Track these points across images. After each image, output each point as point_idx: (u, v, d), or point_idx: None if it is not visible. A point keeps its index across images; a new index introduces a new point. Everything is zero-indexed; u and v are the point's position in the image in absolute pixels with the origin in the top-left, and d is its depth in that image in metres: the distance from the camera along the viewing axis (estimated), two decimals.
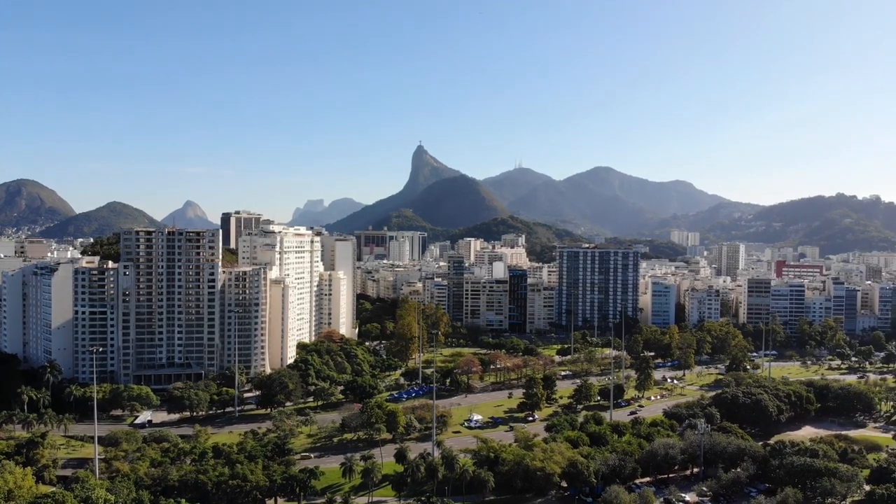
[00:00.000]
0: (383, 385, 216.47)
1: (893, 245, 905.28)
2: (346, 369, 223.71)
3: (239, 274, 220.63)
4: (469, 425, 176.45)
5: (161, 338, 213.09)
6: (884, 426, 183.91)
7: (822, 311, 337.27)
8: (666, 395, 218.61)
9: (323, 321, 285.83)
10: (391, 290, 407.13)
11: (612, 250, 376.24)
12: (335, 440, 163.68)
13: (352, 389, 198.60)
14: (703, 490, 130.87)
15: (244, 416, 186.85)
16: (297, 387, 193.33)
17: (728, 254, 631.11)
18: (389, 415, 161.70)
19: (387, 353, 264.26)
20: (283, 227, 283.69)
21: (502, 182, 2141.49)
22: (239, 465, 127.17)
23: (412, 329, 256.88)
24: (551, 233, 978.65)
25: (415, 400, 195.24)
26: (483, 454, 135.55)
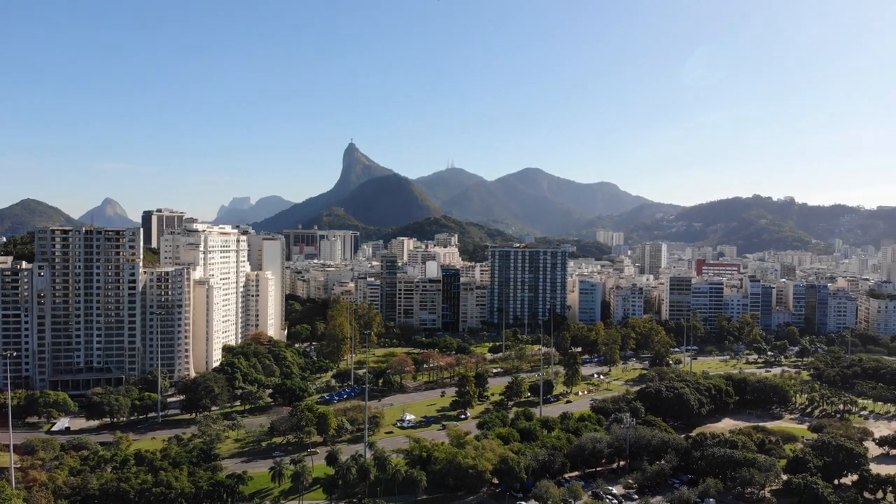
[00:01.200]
0: (314, 387, 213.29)
1: (806, 244, 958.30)
2: (275, 372, 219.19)
3: (161, 274, 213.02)
4: (402, 425, 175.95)
5: (79, 341, 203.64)
6: (799, 417, 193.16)
7: (739, 308, 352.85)
8: (593, 389, 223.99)
9: (250, 323, 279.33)
10: (322, 291, 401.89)
11: (542, 250, 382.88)
12: (264, 444, 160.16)
13: (281, 392, 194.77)
14: (629, 483, 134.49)
15: (168, 421, 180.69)
16: (223, 390, 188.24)
17: (651, 253, 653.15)
18: (320, 417, 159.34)
19: (317, 354, 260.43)
20: (208, 225, 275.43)
21: (435, 182, 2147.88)
22: (163, 472, 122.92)
23: (344, 330, 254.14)
24: (483, 232, 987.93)
25: (347, 401, 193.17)
26: (415, 454, 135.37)
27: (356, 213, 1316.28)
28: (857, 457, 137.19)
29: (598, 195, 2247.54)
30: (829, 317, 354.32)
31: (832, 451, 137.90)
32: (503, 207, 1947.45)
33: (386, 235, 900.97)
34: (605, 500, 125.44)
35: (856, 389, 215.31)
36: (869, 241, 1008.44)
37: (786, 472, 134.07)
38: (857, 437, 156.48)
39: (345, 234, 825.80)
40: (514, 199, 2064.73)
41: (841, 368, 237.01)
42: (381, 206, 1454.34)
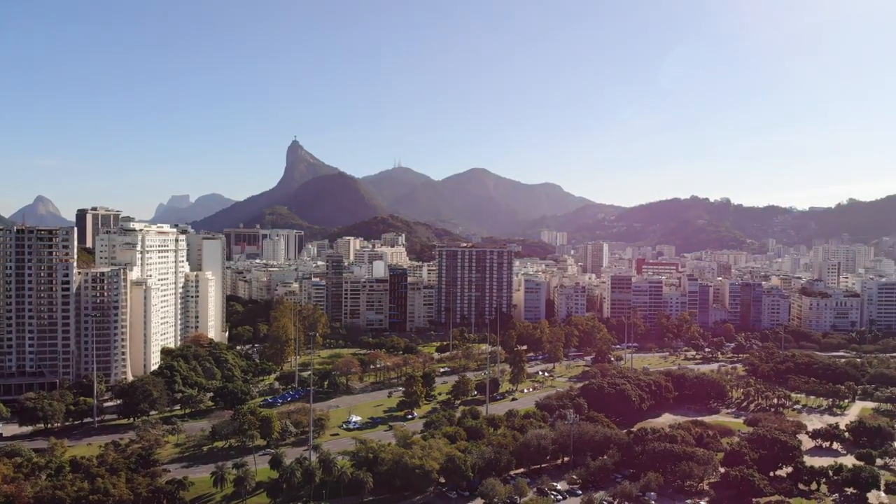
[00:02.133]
0: (257, 390, 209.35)
1: (741, 244, 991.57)
2: (216, 375, 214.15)
3: (96, 275, 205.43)
4: (348, 427, 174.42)
5: (10, 345, 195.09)
6: (735, 412, 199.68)
7: (678, 306, 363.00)
8: (538, 387, 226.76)
9: (190, 325, 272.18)
10: (265, 291, 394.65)
11: (489, 249, 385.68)
12: (205, 449, 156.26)
13: (222, 396, 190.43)
14: (573, 478, 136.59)
15: (105, 426, 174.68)
16: (162, 394, 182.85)
17: (593, 253, 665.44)
18: (263, 420, 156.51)
19: (260, 356, 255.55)
20: (145, 224, 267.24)
21: (382, 181, 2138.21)
22: (100, 479, 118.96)
23: (288, 331, 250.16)
24: (431, 232, 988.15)
25: (291, 404, 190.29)
26: (362, 455, 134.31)
27: (300, 212, 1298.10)
28: (792, 449, 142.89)
29: (542, 196, 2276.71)
30: (764, 314, 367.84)
31: (767, 444, 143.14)
32: (450, 207, 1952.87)
33: (331, 235, 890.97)
34: (549, 496, 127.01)
35: (789, 384, 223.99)
36: (801, 240, 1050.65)
37: (723, 465, 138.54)
38: (791, 430, 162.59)
39: (288, 234, 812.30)
40: (461, 199, 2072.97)
41: (775, 364, 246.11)
42: (327, 204, 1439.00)
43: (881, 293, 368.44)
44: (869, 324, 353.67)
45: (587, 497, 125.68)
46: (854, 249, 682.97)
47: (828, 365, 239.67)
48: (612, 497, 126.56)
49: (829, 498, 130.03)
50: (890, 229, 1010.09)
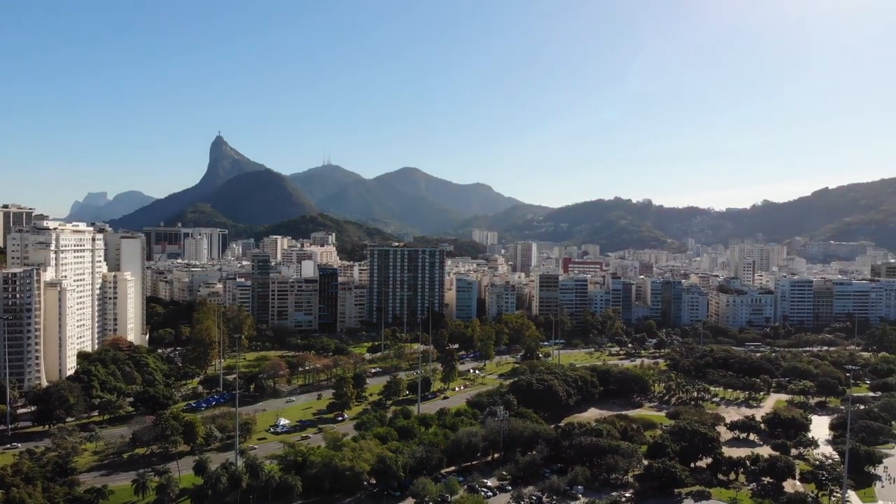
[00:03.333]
0: (179, 395, 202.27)
1: (662, 243, 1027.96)
2: (136, 379, 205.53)
3: (7, 276, 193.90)
4: (275, 431, 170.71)
5: None
6: (657, 405, 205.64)
7: (602, 303, 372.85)
8: (469, 385, 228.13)
9: (108, 327, 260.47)
10: (187, 292, 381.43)
11: (421, 249, 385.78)
12: (126, 456, 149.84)
13: (143, 401, 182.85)
14: (502, 474, 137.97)
15: (18, 434, 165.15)
16: (79, 400, 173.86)
17: (522, 252, 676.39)
18: (186, 425, 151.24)
19: (183, 360, 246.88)
20: (60, 222, 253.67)
21: (311, 178, 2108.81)
22: (15, 489, 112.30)
23: (211, 333, 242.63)
24: (362, 231, 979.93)
25: (215, 408, 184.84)
26: (290, 458, 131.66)
27: (224, 210, 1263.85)
28: (711, 441, 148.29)
29: (473, 196, 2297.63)
30: (684, 311, 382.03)
31: (688, 436, 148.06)
32: (382, 206, 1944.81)
33: (257, 234, 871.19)
34: (480, 493, 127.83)
35: (708, 378, 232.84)
36: (718, 240, 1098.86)
37: (647, 458, 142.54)
38: (710, 422, 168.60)
39: (212, 232, 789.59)
40: (392, 198, 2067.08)
41: (694, 359, 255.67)
42: (252, 202, 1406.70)
43: (793, 290, 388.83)
44: (782, 319, 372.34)
45: (516, 492, 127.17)
46: (768, 249, 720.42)
47: (744, 359, 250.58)
48: (541, 492, 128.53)
49: (747, 487, 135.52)
50: (802, 229, 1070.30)
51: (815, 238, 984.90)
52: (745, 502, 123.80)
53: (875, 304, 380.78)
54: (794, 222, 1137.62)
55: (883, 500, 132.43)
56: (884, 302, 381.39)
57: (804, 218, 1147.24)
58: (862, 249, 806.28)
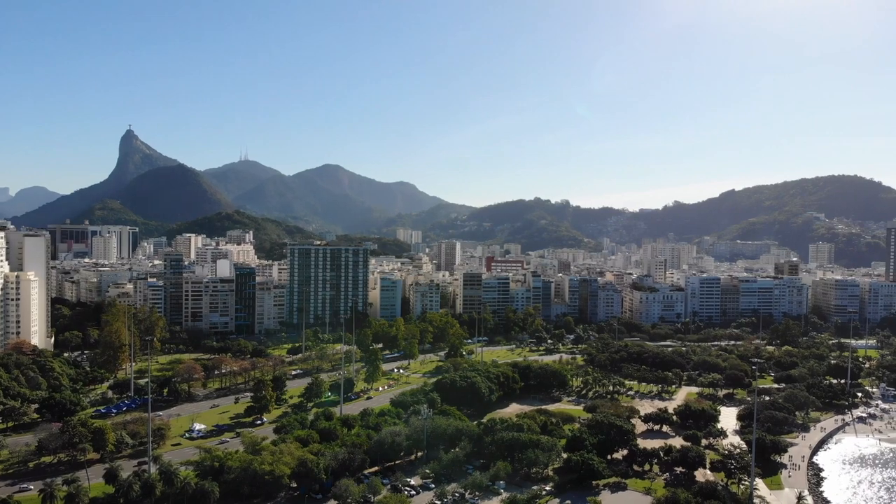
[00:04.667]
0: (88, 400, 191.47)
1: (580, 243, 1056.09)
2: (41, 384, 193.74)
3: None
4: (191, 436, 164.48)
5: None
6: (576, 399, 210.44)
7: (524, 301, 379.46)
8: (393, 384, 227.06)
9: (10, 331, 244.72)
10: (95, 293, 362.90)
11: (344, 248, 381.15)
12: (31, 465, 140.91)
13: (49, 407, 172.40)
14: (426, 472, 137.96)
15: None
16: None
17: (447, 251, 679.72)
18: (96, 432, 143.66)
19: (91, 364, 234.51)
20: None
21: (227, 174, 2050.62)
22: None
23: (121, 336, 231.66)
24: (281, 229, 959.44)
25: (126, 414, 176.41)
26: (206, 464, 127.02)
27: (135, 207, 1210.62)
28: (627, 433, 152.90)
29: (397, 194, 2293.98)
30: (600, 307, 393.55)
31: (605, 428, 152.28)
32: (302, 204, 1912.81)
33: (170, 231, 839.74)
34: (403, 492, 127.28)
35: (623, 372, 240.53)
36: (632, 239, 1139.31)
37: (566, 451, 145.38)
38: (625, 415, 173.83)
39: (121, 230, 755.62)
40: (313, 196, 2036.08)
41: (610, 353, 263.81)
42: (165, 199, 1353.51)
43: (702, 287, 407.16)
44: (692, 315, 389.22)
45: (439, 490, 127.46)
46: (679, 248, 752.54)
47: (656, 354, 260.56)
48: (464, 488, 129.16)
49: (661, 477, 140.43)
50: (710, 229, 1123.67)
51: (723, 237, 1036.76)
52: (659, 492, 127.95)
53: (778, 300, 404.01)
54: (703, 222, 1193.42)
55: (789, 487, 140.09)
56: (786, 298, 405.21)
57: (712, 218, 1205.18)
58: (766, 248, 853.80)
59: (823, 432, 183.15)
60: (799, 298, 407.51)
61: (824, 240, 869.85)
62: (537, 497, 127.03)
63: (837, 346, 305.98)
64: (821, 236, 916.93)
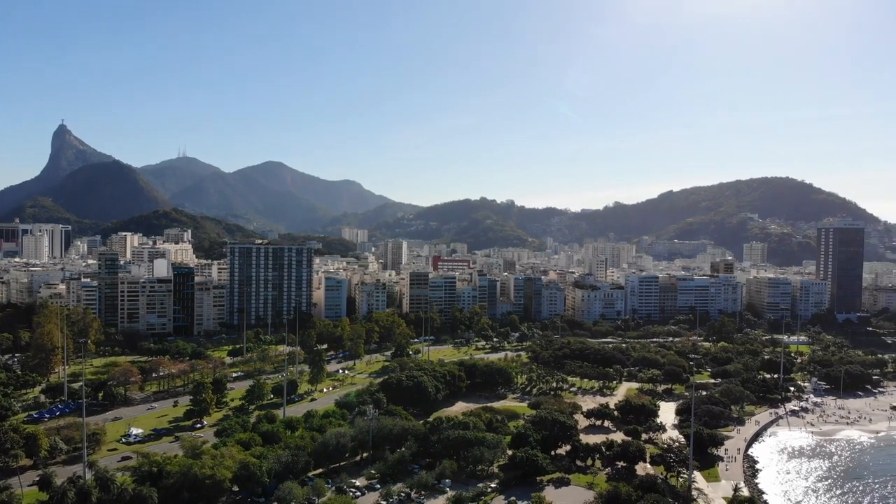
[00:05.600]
0: (19, 405, 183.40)
1: (524, 242, 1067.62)
2: None
3: None
4: (128, 441, 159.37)
5: None
6: (520, 396, 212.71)
7: (470, 300, 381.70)
8: (338, 385, 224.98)
9: None
10: (26, 294, 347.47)
11: (286, 247, 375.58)
12: None
13: None
14: (371, 473, 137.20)
15: None
16: None
17: (393, 250, 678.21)
18: (28, 438, 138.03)
19: (22, 367, 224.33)
20: None
21: (164, 171, 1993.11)
22: None
23: (54, 338, 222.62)
24: (221, 228, 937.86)
25: (60, 419, 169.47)
26: (144, 469, 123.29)
27: (68, 205, 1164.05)
28: (570, 429, 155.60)
29: (343, 193, 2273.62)
30: (544, 305, 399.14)
31: (549, 424, 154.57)
32: (243, 202, 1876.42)
33: (105, 230, 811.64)
34: (348, 494, 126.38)
35: (566, 368, 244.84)
36: (574, 239, 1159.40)
37: (511, 448, 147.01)
38: (568, 411, 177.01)
39: (53, 229, 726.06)
40: (255, 194, 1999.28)
41: (553, 351, 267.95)
42: (99, 197, 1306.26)
43: (641, 285, 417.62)
44: (632, 313, 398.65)
45: (385, 490, 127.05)
46: (619, 247, 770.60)
47: (598, 350, 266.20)
48: (410, 488, 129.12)
49: (603, 471, 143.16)
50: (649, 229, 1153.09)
51: (661, 237, 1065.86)
52: (602, 486, 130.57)
53: (714, 297, 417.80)
54: (642, 223, 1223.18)
55: (725, 479, 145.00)
56: (722, 296, 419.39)
57: (651, 219, 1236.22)
58: (702, 248, 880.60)
59: (758, 425, 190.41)
60: (734, 296, 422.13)
61: (758, 239, 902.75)
62: (483, 494, 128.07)
63: (771, 341, 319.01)
64: (754, 236, 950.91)
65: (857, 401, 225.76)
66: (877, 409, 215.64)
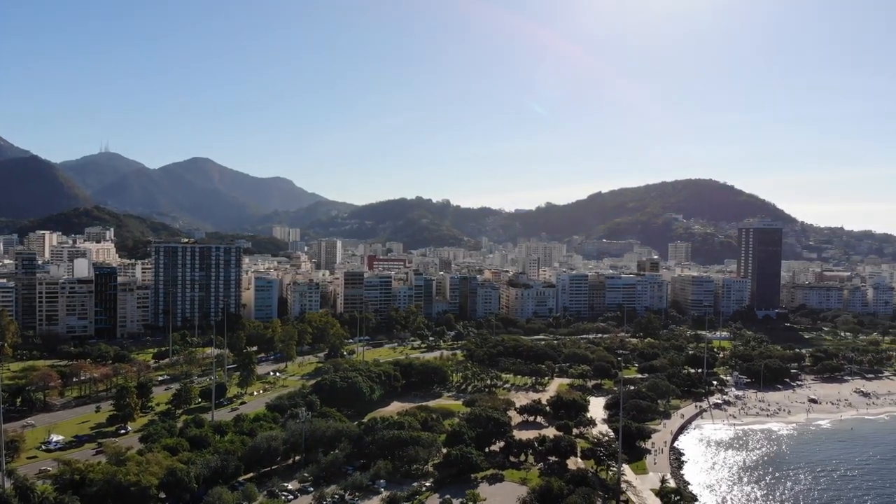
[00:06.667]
0: None
1: (460, 241, 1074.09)
2: None
3: None
4: (48, 448, 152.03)
5: None
6: (455, 394, 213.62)
7: (406, 299, 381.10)
8: (269, 388, 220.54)
9: None
10: None
11: (214, 246, 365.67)
12: None
13: None
14: (304, 476, 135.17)
15: None
16: None
17: (327, 249, 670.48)
18: None
19: None
20: None
21: (85, 167, 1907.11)
22: None
23: None
24: (146, 226, 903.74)
25: None
26: (66, 477, 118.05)
27: None
28: (503, 425, 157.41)
29: (274, 190, 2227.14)
30: (479, 304, 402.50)
31: (483, 422, 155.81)
32: (169, 199, 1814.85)
33: (21, 228, 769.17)
34: (280, 497, 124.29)
35: (500, 366, 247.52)
36: (508, 238, 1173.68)
37: (446, 446, 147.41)
38: (502, 407, 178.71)
39: None
40: (181, 191, 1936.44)
41: (488, 348, 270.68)
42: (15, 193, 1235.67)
43: (572, 284, 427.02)
44: (563, 310, 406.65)
45: (318, 493, 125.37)
46: (550, 246, 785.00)
47: (531, 347, 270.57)
48: (344, 489, 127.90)
49: (536, 467, 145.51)
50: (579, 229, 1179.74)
51: (591, 237, 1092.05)
52: (534, 481, 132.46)
53: (641, 295, 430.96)
54: (573, 223, 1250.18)
55: (653, 471, 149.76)
56: (648, 293, 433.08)
57: (581, 219, 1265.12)
58: (630, 247, 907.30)
59: (683, 419, 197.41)
60: (659, 294, 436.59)
61: (682, 239, 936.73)
62: (417, 493, 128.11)
63: (694, 337, 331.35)
64: (679, 236, 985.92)
65: (777, 393, 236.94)
66: (795, 402, 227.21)
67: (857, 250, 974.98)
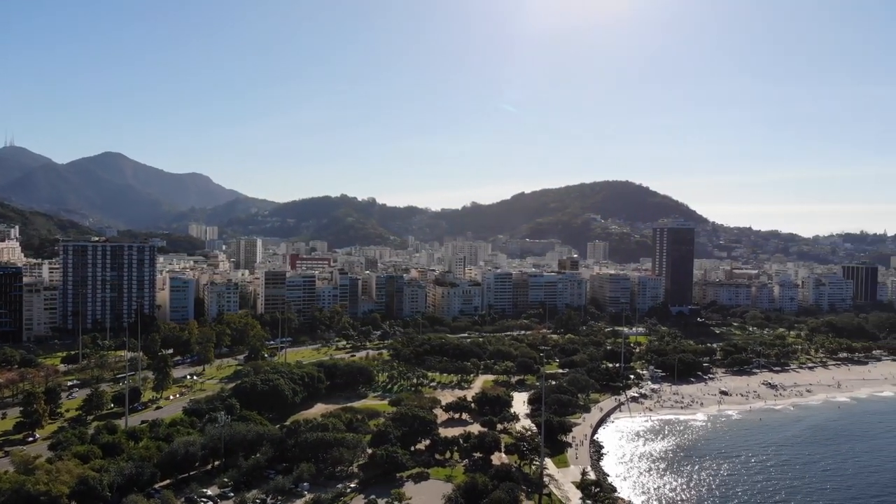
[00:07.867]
0: None
1: (386, 240, 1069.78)
2: None
3: None
4: None
5: None
6: (381, 394, 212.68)
7: (331, 299, 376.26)
8: (186, 392, 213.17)
9: None
10: None
11: (127, 244, 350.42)
12: None
13: None
14: (224, 481, 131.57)
15: None
16: None
17: (246, 248, 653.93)
18: None
19: None
20: None
21: None
22: None
23: None
24: (53, 224, 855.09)
25: None
26: None
27: None
28: (429, 423, 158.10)
29: (190, 187, 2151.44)
30: (406, 303, 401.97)
31: (409, 421, 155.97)
32: (78, 196, 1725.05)
33: None
34: (199, 503, 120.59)
35: (426, 364, 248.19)
36: (434, 237, 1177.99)
37: (371, 446, 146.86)
38: (428, 406, 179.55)
39: None
40: (91, 187, 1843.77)
41: (415, 347, 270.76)
42: None
43: (497, 282, 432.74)
44: (488, 308, 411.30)
45: (239, 498, 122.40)
46: (476, 245, 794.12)
47: (457, 345, 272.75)
48: (266, 493, 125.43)
49: (461, 463, 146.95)
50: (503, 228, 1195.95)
51: (514, 236, 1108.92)
52: (459, 478, 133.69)
53: (562, 292, 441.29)
54: (497, 222, 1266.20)
55: (574, 464, 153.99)
56: (568, 291, 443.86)
57: (505, 218, 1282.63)
58: (551, 246, 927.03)
59: (602, 412, 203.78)
60: (579, 291, 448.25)
61: (600, 238, 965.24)
62: (342, 495, 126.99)
63: (612, 333, 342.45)
64: (597, 235, 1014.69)
65: (690, 386, 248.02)
66: (707, 394, 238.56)
67: (764, 249, 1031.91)
